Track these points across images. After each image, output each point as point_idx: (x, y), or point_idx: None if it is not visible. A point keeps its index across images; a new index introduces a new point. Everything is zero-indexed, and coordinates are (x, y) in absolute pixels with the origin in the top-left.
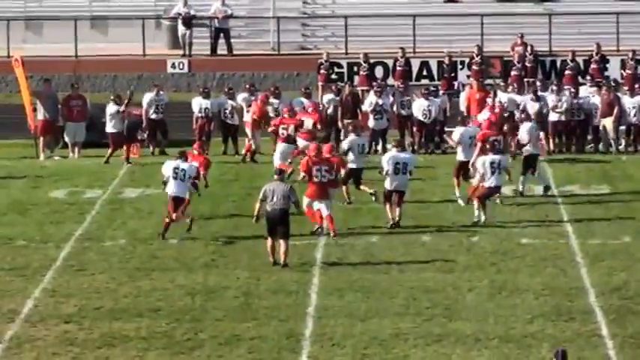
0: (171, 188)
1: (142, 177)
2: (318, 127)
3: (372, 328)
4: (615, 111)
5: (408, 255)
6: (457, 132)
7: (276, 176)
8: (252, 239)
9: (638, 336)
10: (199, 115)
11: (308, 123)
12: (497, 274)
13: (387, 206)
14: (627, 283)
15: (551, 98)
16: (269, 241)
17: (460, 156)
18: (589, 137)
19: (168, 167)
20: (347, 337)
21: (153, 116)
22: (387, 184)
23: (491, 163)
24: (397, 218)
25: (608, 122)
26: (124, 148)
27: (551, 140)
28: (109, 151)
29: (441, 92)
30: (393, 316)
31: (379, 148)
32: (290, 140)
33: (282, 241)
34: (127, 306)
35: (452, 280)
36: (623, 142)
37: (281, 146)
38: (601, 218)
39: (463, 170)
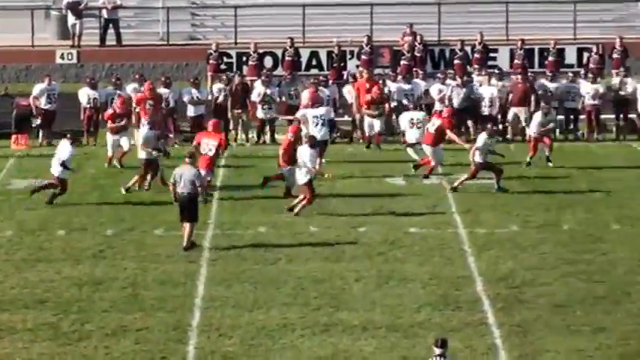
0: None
1: (30, 168)
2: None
3: (259, 319)
4: (533, 100)
5: (296, 245)
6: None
7: (187, 159)
8: (140, 231)
9: (524, 324)
10: (87, 105)
11: None
12: (384, 263)
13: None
14: (514, 272)
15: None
16: (181, 225)
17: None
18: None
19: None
20: (234, 327)
21: (47, 106)
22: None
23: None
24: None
25: (521, 111)
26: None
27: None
28: None
29: (330, 82)
30: (280, 306)
31: (267, 138)
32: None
33: (187, 224)
34: (14, 297)
35: (339, 270)
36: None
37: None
38: (488, 207)
39: None
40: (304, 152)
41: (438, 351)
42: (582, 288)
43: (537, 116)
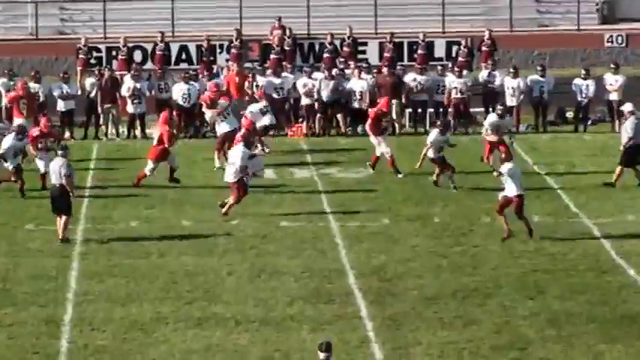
0: None
1: None
2: None
3: (132, 313)
4: (402, 93)
5: (168, 239)
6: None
7: (59, 151)
8: (11, 226)
9: (396, 317)
10: None
11: None
12: (257, 257)
13: None
14: (386, 264)
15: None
16: (55, 218)
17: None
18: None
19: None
20: (107, 321)
21: None
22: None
23: None
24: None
25: (393, 104)
26: None
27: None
28: None
29: (200, 76)
30: (153, 300)
31: (137, 133)
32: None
33: (62, 217)
34: None
35: (212, 264)
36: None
37: None
38: (360, 200)
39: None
40: (236, 151)
41: (322, 355)
42: (454, 281)
43: (490, 117)
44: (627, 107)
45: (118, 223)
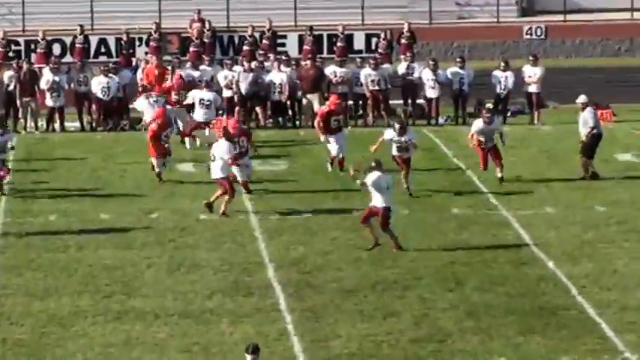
0: None
1: None
2: None
3: (51, 306)
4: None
5: (87, 233)
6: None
7: None
8: None
9: (315, 309)
10: None
11: None
12: (176, 250)
13: None
14: (305, 257)
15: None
16: None
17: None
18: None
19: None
20: (25, 315)
21: None
22: None
23: None
24: None
25: (314, 97)
26: None
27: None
28: None
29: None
30: (71, 294)
31: (56, 126)
32: None
33: None
34: None
35: (131, 257)
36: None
37: None
38: (279, 193)
39: None
40: (221, 146)
41: (249, 357)
42: (373, 273)
43: (477, 124)
44: (581, 99)
45: (36, 216)
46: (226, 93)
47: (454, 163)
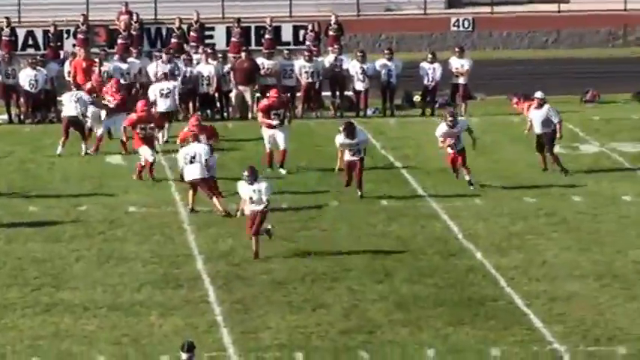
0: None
1: None
2: None
3: None
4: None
5: (15, 225)
6: None
7: None
8: None
9: (245, 301)
10: None
11: None
12: (104, 242)
13: None
14: (234, 249)
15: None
16: None
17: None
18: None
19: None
20: None
21: None
22: None
23: None
24: None
25: (246, 90)
26: None
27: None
28: None
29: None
30: (0, 286)
31: None
32: None
33: None
34: None
35: (59, 250)
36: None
37: None
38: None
39: None
40: (197, 148)
41: (185, 356)
42: (302, 265)
43: (441, 127)
44: (538, 94)
45: None
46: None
47: (382, 154)
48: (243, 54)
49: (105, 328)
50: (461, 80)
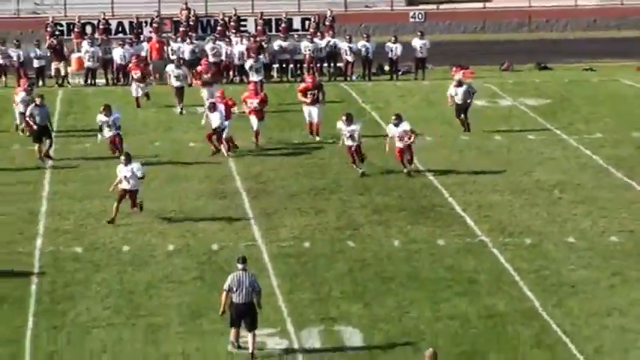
0: None
1: None
2: None
3: (87, 207)
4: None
5: (109, 158)
6: None
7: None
8: None
9: (268, 208)
10: None
11: None
12: (172, 167)
13: None
14: (261, 172)
15: None
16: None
17: None
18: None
19: None
20: (70, 212)
21: None
22: None
23: None
24: None
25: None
26: None
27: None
28: None
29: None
30: (101, 198)
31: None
32: None
33: None
34: None
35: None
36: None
37: None
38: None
39: None
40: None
41: (240, 266)
42: (308, 182)
43: (389, 128)
44: (458, 76)
45: None
46: (212, 59)
47: (362, 106)
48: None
49: (173, 225)
50: (421, 54)
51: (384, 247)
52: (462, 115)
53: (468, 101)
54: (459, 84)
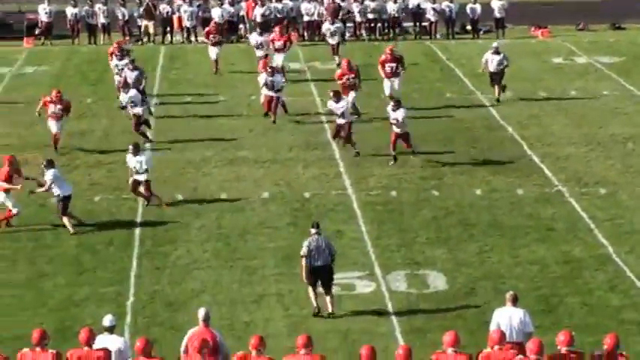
0: None
1: (34, 59)
2: None
3: (187, 155)
4: (340, 16)
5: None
6: None
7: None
8: None
9: (357, 158)
10: None
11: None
12: (268, 121)
13: None
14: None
15: None
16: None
17: None
18: None
19: None
20: (169, 161)
21: (46, 19)
22: None
23: None
24: None
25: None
26: None
27: None
28: None
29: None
30: (200, 147)
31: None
32: None
33: None
34: None
35: (238, 124)
36: None
37: None
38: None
39: None
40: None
41: (313, 230)
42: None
43: (389, 111)
44: (495, 44)
45: None
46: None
47: (446, 63)
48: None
49: (268, 174)
50: (500, 15)
51: (466, 196)
52: (496, 83)
53: (501, 67)
54: (497, 52)
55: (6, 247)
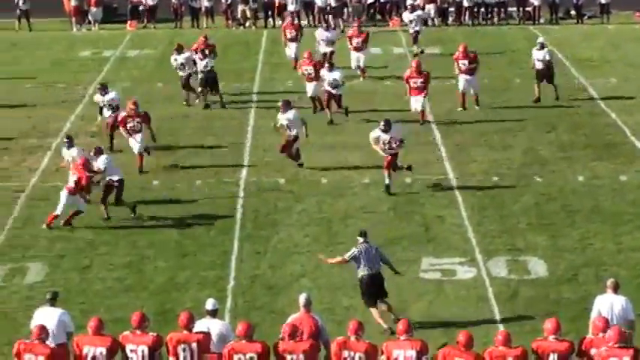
0: None
1: (138, 42)
2: None
3: None
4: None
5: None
6: None
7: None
8: None
9: (459, 144)
10: None
11: None
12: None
13: None
14: (452, 110)
15: None
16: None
17: None
18: None
19: None
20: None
21: (151, 2)
22: None
23: None
24: None
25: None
26: None
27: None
28: None
29: None
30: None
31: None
32: None
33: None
34: None
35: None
36: None
37: None
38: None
39: None
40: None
41: (361, 239)
42: (497, 123)
43: (374, 132)
44: (540, 39)
45: None
46: None
47: (550, 47)
48: None
49: (369, 160)
50: (604, 0)
51: (568, 182)
52: (544, 82)
53: (547, 66)
54: (541, 47)
55: (107, 232)
